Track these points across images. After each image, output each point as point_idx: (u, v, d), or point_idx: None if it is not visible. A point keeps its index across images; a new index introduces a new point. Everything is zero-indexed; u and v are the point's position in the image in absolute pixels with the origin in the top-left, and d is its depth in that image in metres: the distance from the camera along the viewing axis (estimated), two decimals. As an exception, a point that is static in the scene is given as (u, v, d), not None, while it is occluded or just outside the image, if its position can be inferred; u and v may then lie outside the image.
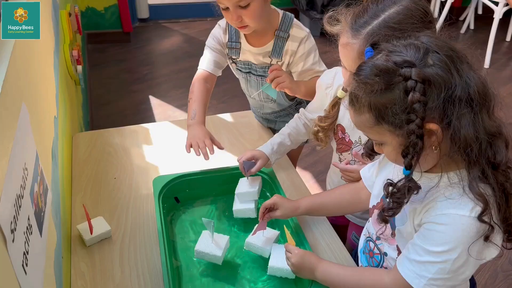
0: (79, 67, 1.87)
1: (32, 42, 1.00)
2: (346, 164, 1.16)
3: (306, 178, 2.35)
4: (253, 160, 1.20)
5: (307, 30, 1.37)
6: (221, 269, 1.05)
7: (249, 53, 1.39)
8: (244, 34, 1.37)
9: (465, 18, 4.31)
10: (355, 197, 1.07)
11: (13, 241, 0.60)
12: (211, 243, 1.05)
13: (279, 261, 1.01)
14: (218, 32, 1.40)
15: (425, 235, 0.77)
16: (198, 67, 1.43)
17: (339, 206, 1.11)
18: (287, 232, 1.03)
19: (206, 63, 1.41)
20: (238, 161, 1.21)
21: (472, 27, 4.29)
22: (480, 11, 4.31)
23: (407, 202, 0.77)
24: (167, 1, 4.43)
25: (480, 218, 0.72)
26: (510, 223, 0.75)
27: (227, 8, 1.22)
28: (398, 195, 0.76)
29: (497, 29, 3.55)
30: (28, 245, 0.67)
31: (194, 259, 1.07)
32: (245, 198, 1.18)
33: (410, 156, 0.71)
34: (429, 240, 0.76)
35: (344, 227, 1.31)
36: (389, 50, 0.74)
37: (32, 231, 0.71)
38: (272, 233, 1.10)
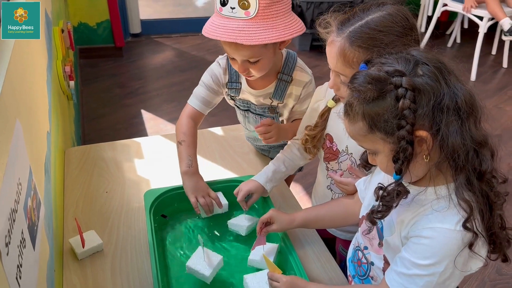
0: (72, 83, 1.90)
1: (26, 59, 1.03)
2: (341, 175, 1.19)
3: (296, 190, 2.37)
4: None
5: (310, 72, 1.34)
6: (210, 287, 1.06)
7: (249, 94, 1.35)
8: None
9: (451, 32, 4.40)
10: (348, 210, 1.10)
11: (7, 254, 0.61)
12: (203, 261, 1.06)
13: (254, 282, 1.02)
14: (218, 71, 1.34)
15: (412, 249, 0.80)
16: (188, 101, 1.38)
17: (332, 219, 1.14)
18: (267, 259, 1.02)
19: (196, 100, 1.36)
20: (236, 195, 1.23)
21: (458, 41, 4.38)
22: (466, 25, 4.41)
23: (396, 206, 0.80)
24: (159, 16, 4.49)
25: (464, 225, 0.74)
26: (494, 232, 0.77)
27: (234, 58, 1.19)
28: (387, 199, 0.80)
29: (483, 43, 3.64)
30: (22, 258, 0.69)
31: (185, 273, 1.08)
32: (235, 227, 1.22)
33: (400, 161, 0.75)
34: (416, 253, 0.79)
35: (331, 240, 1.33)
36: (381, 62, 0.78)
37: (26, 245, 0.73)
38: (272, 246, 1.13)
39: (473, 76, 3.70)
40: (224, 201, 1.24)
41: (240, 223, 1.21)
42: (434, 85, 0.73)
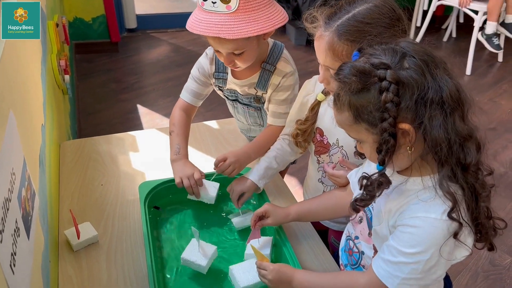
0: (67, 77, 1.90)
1: (20, 51, 1.03)
2: (333, 168, 1.19)
3: (292, 184, 2.39)
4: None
5: (294, 66, 1.34)
6: (206, 278, 1.07)
7: (234, 84, 1.38)
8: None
9: (447, 27, 4.41)
10: (340, 202, 1.11)
11: (0, 241, 0.62)
12: (198, 252, 1.07)
13: (239, 271, 1.03)
14: (204, 63, 1.37)
15: (399, 237, 0.81)
16: (180, 95, 1.42)
17: (325, 211, 1.15)
18: (254, 248, 1.03)
19: (187, 93, 1.40)
20: (230, 194, 1.24)
21: (454, 35, 4.39)
22: (461, 20, 4.42)
23: (378, 195, 0.81)
24: (155, 11, 4.48)
25: (449, 215, 0.75)
26: (480, 222, 0.78)
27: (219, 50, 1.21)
28: (370, 188, 0.81)
29: (478, 37, 3.65)
30: (16, 247, 0.70)
31: (180, 265, 1.09)
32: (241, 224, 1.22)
33: (383, 152, 0.76)
34: (403, 241, 0.80)
35: (324, 232, 1.34)
36: (369, 53, 0.79)
37: (20, 234, 0.74)
38: (267, 239, 1.13)
39: (468, 71, 3.71)
40: (212, 193, 1.23)
41: (239, 218, 1.22)
42: (419, 78, 0.73)
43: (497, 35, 3.65)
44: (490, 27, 3.59)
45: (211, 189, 1.24)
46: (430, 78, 0.74)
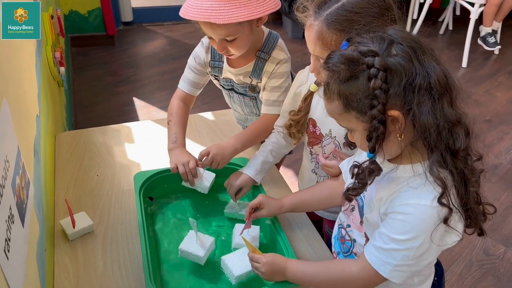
0: (62, 69, 1.90)
1: (13, 41, 1.03)
2: (326, 158, 1.20)
3: (288, 175, 2.40)
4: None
5: (288, 54, 1.35)
6: (203, 269, 1.08)
7: (229, 73, 1.39)
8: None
9: (443, 19, 4.41)
10: (333, 191, 1.12)
11: (-5, 227, 0.63)
12: (196, 243, 1.07)
13: (232, 261, 1.04)
14: (200, 52, 1.38)
15: (390, 224, 0.82)
16: (178, 85, 1.43)
17: (318, 201, 1.15)
18: (246, 240, 1.03)
19: (184, 83, 1.41)
20: (228, 189, 1.24)
21: (450, 27, 4.40)
22: (458, 12, 4.42)
23: (370, 183, 0.82)
24: (150, 4, 4.46)
25: (439, 200, 0.76)
26: (469, 207, 0.79)
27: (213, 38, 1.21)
28: (361, 176, 0.82)
29: (474, 30, 3.65)
30: (10, 233, 0.70)
31: (176, 255, 1.09)
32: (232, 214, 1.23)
33: (373, 140, 0.76)
34: (394, 228, 0.81)
35: (318, 222, 1.35)
36: (358, 41, 0.79)
37: (14, 221, 0.74)
38: (256, 229, 1.14)
39: (464, 63, 3.72)
40: (206, 183, 1.24)
41: (234, 211, 1.23)
42: (407, 65, 0.74)
43: (491, 33, 3.69)
44: (484, 31, 3.66)
45: (206, 179, 1.25)
46: (418, 65, 0.74)
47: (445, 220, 0.77)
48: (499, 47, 3.74)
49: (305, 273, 0.94)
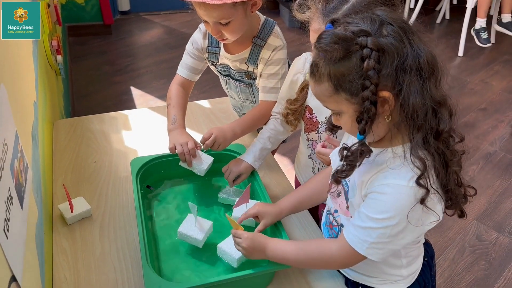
0: (59, 57, 1.90)
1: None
2: (322, 146, 1.20)
3: (284, 163, 2.42)
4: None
5: (284, 41, 1.36)
6: (200, 251, 1.09)
7: (226, 59, 1.40)
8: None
9: (440, 8, 4.40)
10: (327, 183, 1.10)
11: (-6, 206, 0.65)
12: (194, 227, 1.09)
13: (228, 246, 1.04)
14: (198, 37, 1.40)
15: (369, 203, 0.83)
16: (177, 71, 1.44)
17: (316, 196, 1.13)
18: (229, 218, 1.04)
19: (183, 68, 1.43)
20: (224, 173, 1.25)
21: (447, 17, 4.39)
22: (455, 1, 4.42)
23: (359, 165, 0.83)
24: (147, -6, 4.44)
25: (417, 181, 0.77)
26: (450, 189, 0.81)
27: (207, 21, 1.22)
28: (351, 158, 0.82)
29: (471, 19, 3.65)
30: (9, 214, 0.73)
31: (175, 238, 1.11)
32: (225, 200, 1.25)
33: (364, 121, 0.76)
34: (372, 207, 0.82)
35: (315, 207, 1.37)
36: (347, 22, 0.79)
37: (13, 202, 0.76)
38: (253, 204, 1.15)
39: (460, 52, 3.72)
40: (204, 166, 1.25)
41: (229, 197, 1.24)
42: (398, 45, 0.74)
43: (485, 29, 3.69)
44: (479, 23, 3.67)
45: (204, 160, 1.26)
46: (408, 45, 0.75)
47: (422, 201, 0.77)
48: (490, 44, 3.73)
49: (285, 251, 0.95)
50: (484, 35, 3.68)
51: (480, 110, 3.05)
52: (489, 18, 3.84)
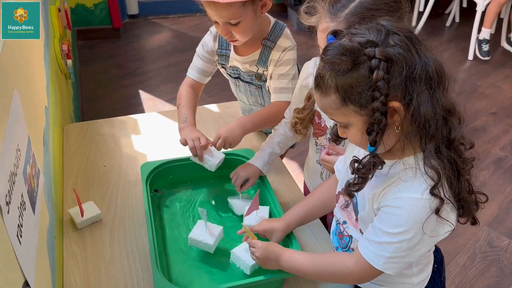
0: (69, 62, 1.92)
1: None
2: (327, 154, 1.19)
3: (292, 167, 2.41)
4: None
5: (294, 42, 1.36)
6: (212, 256, 1.09)
7: (236, 61, 1.41)
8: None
9: (450, 12, 4.38)
10: (334, 191, 1.08)
11: (8, 212, 0.65)
12: (205, 232, 1.08)
13: (242, 252, 1.03)
14: (208, 40, 1.41)
15: (383, 218, 0.82)
16: (187, 73, 1.46)
17: (323, 206, 1.12)
18: (246, 228, 1.04)
19: (193, 71, 1.44)
20: (232, 178, 1.25)
21: (457, 20, 4.37)
22: (465, 5, 4.39)
23: (371, 177, 0.81)
24: (156, -3, 4.46)
25: (432, 191, 0.76)
26: (462, 197, 0.79)
27: (217, 21, 1.23)
28: (363, 171, 0.81)
29: (481, 22, 3.63)
30: (22, 220, 0.73)
31: (186, 244, 1.10)
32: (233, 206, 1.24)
33: (374, 133, 0.75)
34: (386, 222, 0.81)
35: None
36: (352, 33, 0.77)
37: (26, 208, 0.76)
38: (264, 210, 1.15)
39: (470, 55, 3.70)
40: (215, 160, 1.24)
41: (237, 203, 1.24)
42: (406, 55, 0.73)
43: (488, 41, 3.66)
44: (483, 33, 3.64)
45: (215, 155, 1.25)
46: (416, 54, 0.74)
47: (437, 211, 0.76)
48: (488, 58, 3.71)
49: (300, 263, 0.94)
50: (485, 48, 3.66)
51: (490, 115, 3.03)
52: (498, 35, 3.84)
